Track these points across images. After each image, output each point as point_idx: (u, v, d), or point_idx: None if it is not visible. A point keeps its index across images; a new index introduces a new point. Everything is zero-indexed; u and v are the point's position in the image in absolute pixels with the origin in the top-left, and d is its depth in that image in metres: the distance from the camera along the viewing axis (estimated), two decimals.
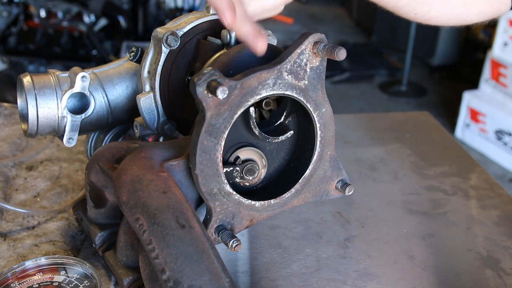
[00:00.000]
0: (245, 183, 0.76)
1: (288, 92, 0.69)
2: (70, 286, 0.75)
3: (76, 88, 0.84)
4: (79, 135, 0.87)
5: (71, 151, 1.16)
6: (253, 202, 0.73)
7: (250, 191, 0.78)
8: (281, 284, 0.82)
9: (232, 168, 0.73)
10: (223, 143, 0.66)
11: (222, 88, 0.60)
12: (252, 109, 0.70)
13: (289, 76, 0.68)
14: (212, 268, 0.58)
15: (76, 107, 0.86)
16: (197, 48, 0.81)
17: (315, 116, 0.72)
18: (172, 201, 0.63)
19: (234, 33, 0.75)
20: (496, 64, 3.33)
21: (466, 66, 4.47)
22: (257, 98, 0.66)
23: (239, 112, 0.66)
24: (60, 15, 3.63)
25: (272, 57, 0.68)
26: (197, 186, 0.68)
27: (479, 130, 3.42)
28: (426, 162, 1.21)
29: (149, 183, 0.65)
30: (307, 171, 0.76)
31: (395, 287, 0.82)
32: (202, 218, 0.71)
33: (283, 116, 0.77)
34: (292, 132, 0.76)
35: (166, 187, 0.64)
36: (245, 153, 0.74)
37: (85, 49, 3.64)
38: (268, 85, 0.67)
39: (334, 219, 0.99)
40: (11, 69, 3.18)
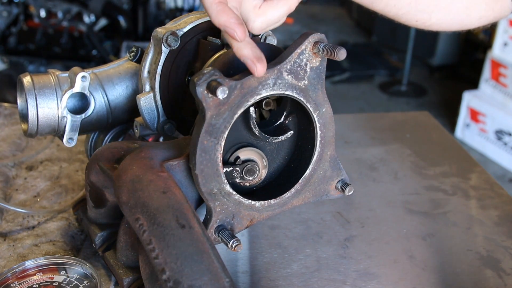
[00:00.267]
0: (245, 183, 0.76)
1: (288, 92, 0.69)
2: (70, 286, 0.75)
3: (76, 88, 0.84)
4: (79, 135, 0.87)
5: (71, 151, 1.16)
6: (253, 202, 0.73)
7: (250, 191, 0.78)
8: (281, 284, 0.82)
9: (232, 168, 0.73)
10: (223, 143, 0.66)
11: (222, 88, 0.60)
12: (252, 109, 0.70)
13: (289, 76, 0.68)
14: (212, 268, 0.58)
15: (76, 107, 0.86)
16: (197, 48, 0.81)
17: (315, 116, 0.72)
18: (172, 201, 0.63)
19: None
20: (496, 64, 3.33)
21: (466, 66, 4.48)
22: (257, 98, 0.66)
23: (239, 112, 0.66)
24: (60, 15, 3.63)
25: (272, 57, 0.68)
26: (197, 186, 0.68)
27: (479, 130, 3.42)
28: (426, 162, 1.21)
29: (149, 183, 0.65)
30: (307, 171, 0.76)
31: (395, 287, 0.82)
32: (202, 218, 0.71)
33: (283, 116, 0.77)
34: (292, 132, 0.76)
35: (166, 187, 0.64)
36: (245, 153, 0.74)
37: (85, 49, 3.64)
38: (268, 85, 0.67)
39: (334, 219, 0.99)
40: (11, 69, 3.17)
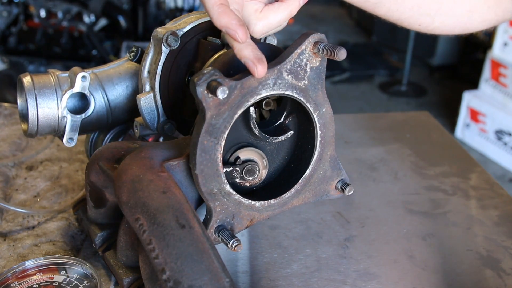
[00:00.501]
0: (245, 183, 0.76)
1: (288, 92, 0.69)
2: (70, 286, 0.75)
3: (76, 88, 0.84)
4: (79, 135, 0.87)
5: (71, 151, 1.16)
6: (253, 202, 0.73)
7: (250, 191, 0.78)
8: (281, 284, 0.82)
9: (232, 168, 0.73)
10: (223, 143, 0.66)
11: (222, 88, 0.60)
12: (252, 109, 0.70)
13: (289, 76, 0.68)
14: (212, 268, 0.58)
15: (76, 107, 0.86)
16: (197, 48, 0.81)
17: (315, 116, 0.72)
18: (172, 201, 0.63)
19: None
20: (496, 64, 3.33)
21: (466, 66, 4.47)
22: (257, 98, 0.66)
23: (239, 112, 0.66)
24: (60, 15, 3.63)
25: (272, 57, 0.68)
26: (197, 186, 0.68)
27: (479, 130, 3.42)
28: (426, 162, 1.21)
29: (149, 183, 0.65)
30: (307, 171, 0.76)
31: (395, 287, 0.82)
32: (202, 218, 0.71)
33: (283, 116, 0.77)
34: (292, 132, 0.76)
35: (166, 187, 0.64)
36: (245, 153, 0.74)
37: (85, 49, 3.64)
38: (268, 85, 0.66)
39: (334, 219, 0.99)
40: (11, 69, 3.18)
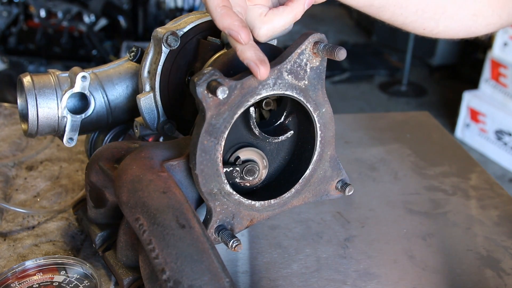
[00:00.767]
0: (245, 183, 0.76)
1: (288, 92, 0.69)
2: (70, 286, 0.75)
3: (76, 88, 0.84)
4: (79, 135, 0.87)
5: (71, 151, 1.16)
6: (253, 202, 0.73)
7: (250, 191, 0.78)
8: (281, 284, 0.82)
9: (232, 168, 0.73)
10: (223, 143, 0.66)
11: (222, 88, 0.60)
12: (252, 109, 0.70)
13: (289, 76, 0.68)
14: (212, 268, 0.58)
15: (76, 107, 0.86)
16: (197, 48, 0.81)
17: (315, 116, 0.72)
18: (172, 201, 0.63)
19: None
20: (496, 64, 3.33)
21: (466, 66, 4.47)
22: (257, 98, 0.66)
23: (239, 112, 0.66)
24: (60, 15, 3.63)
25: (272, 57, 0.68)
26: (197, 186, 0.68)
27: (479, 130, 3.42)
28: (426, 162, 1.21)
29: (149, 183, 0.65)
30: (307, 171, 0.76)
31: (395, 287, 0.82)
32: (202, 218, 0.71)
33: (283, 116, 0.77)
34: (292, 132, 0.76)
35: (166, 187, 0.64)
36: (245, 153, 0.74)
37: (85, 49, 3.64)
38: (268, 85, 0.66)
39: (334, 219, 0.99)
40: (11, 69, 3.17)
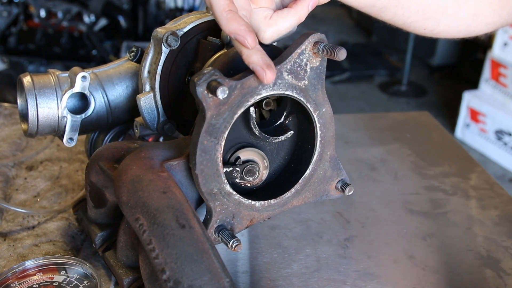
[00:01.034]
0: (246, 184, 0.76)
1: (288, 92, 0.69)
2: (70, 286, 0.75)
3: (76, 88, 0.84)
4: (79, 135, 0.87)
5: (71, 151, 1.16)
6: (253, 202, 0.73)
7: (250, 191, 0.78)
8: (281, 284, 0.82)
9: (232, 169, 0.73)
10: (223, 143, 0.66)
11: (222, 88, 0.60)
12: (252, 109, 0.70)
13: (289, 76, 0.68)
14: (212, 268, 0.58)
15: (76, 107, 0.86)
16: (197, 48, 0.81)
17: (315, 116, 0.72)
18: (172, 201, 0.63)
19: None
20: (496, 64, 3.32)
21: (466, 66, 4.47)
22: (257, 98, 0.66)
23: (239, 112, 0.66)
24: (60, 15, 3.62)
25: (272, 57, 0.68)
26: (197, 186, 0.68)
27: (479, 130, 3.42)
28: (426, 162, 1.21)
29: (149, 183, 0.65)
30: (307, 171, 0.76)
31: (395, 287, 0.82)
32: (202, 218, 0.71)
33: (283, 116, 0.77)
34: (292, 132, 0.76)
35: (166, 187, 0.64)
36: (246, 153, 0.74)
37: (85, 49, 3.63)
38: (268, 85, 0.66)
39: (334, 219, 0.99)
40: (11, 69, 3.17)
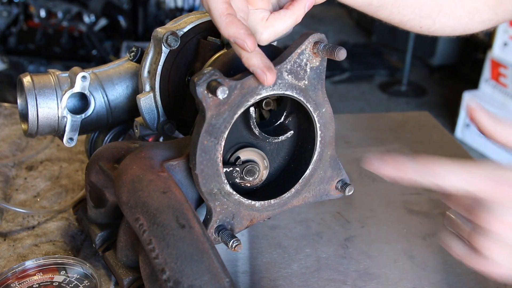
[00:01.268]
0: (246, 184, 0.76)
1: (288, 92, 0.69)
2: (70, 286, 0.75)
3: (76, 88, 0.84)
4: (79, 135, 0.87)
5: (71, 151, 1.16)
6: (253, 202, 0.73)
7: (250, 191, 0.78)
8: (281, 284, 0.82)
9: (232, 169, 0.73)
10: (223, 143, 0.66)
11: (222, 88, 0.60)
12: (252, 109, 0.70)
13: (289, 76, 0.68)
14: (212, 268, 0.58)
15: (76, 107, 0.86)
16: (197, 48, 0.81)
17: (315, 116, 0.72)
18: (172, 201, 0.63)
19: None
20: (496, 64, 3.33)
21: (466, 66, 4.47)
22: (257, 98, 0.66)
23: (239, 112, 0.66)
24: (60, 15, 3.63)
25: (272, 57, 0.68)
26: (197, 186, 0.68)
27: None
28: None
29: (149, 183, 0.65)
30: (307, 171, 0.76)
31: (395, 287, 0.82)
32: (202, 218, 0.71)
33: (283, 116, 0.77)
34: (292, 132, 0.76)
35: (166, 187, 0.64)
36: (246, 153, 0.74)
37: (85, 49, 3.64)
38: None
39: (334, 219, 0.99)
40: (11, 69, 3.17)
